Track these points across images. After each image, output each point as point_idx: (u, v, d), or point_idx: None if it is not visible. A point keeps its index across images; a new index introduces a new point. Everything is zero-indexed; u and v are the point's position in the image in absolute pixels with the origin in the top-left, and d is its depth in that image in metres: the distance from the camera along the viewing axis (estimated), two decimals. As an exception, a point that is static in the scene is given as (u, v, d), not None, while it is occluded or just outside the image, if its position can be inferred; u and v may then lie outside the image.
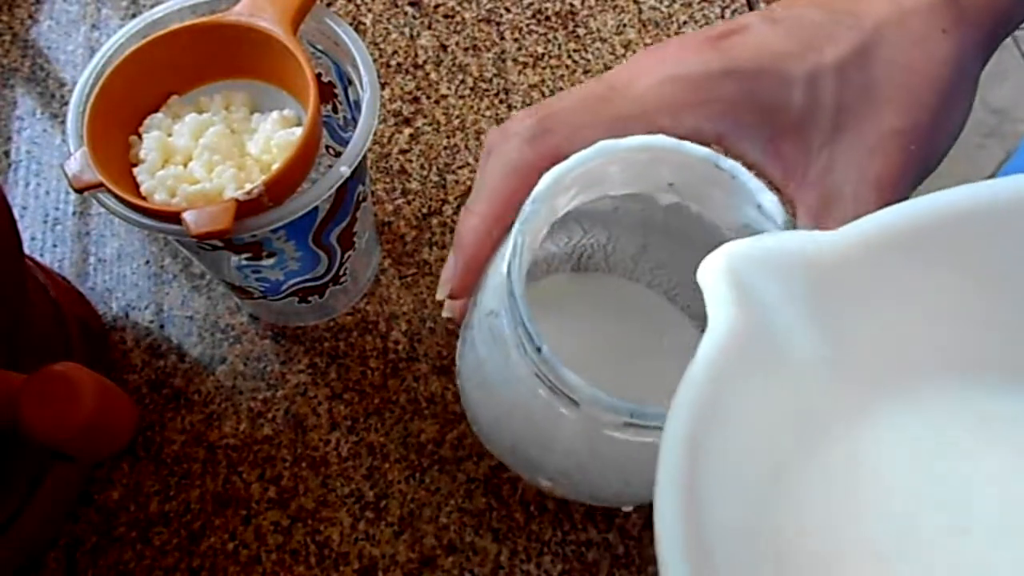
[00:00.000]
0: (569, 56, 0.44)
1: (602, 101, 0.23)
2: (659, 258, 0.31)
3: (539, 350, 0.20)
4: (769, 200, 0.22)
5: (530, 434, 0.24)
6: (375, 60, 0.39)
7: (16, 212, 0.34)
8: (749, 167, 0.23)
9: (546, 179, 0.22)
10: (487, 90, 0.43)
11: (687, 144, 0.22)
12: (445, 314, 0.27)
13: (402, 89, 0.43)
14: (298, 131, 0.30)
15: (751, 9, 0.45)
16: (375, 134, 0.33)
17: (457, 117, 0.42)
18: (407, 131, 0.42)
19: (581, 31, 0.45)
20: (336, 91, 0.33)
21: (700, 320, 0.31)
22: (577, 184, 0.23)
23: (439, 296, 0.26)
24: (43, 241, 0.40)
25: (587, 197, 0.24)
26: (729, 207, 0.23)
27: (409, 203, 0.40)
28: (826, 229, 0.21)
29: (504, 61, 0.44)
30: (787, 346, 0.15)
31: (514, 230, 0.22)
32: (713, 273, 0.16)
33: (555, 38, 0.45)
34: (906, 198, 0.22)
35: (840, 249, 0.16)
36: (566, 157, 0.22)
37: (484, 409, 0.26)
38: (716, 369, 0.14)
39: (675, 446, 0.14)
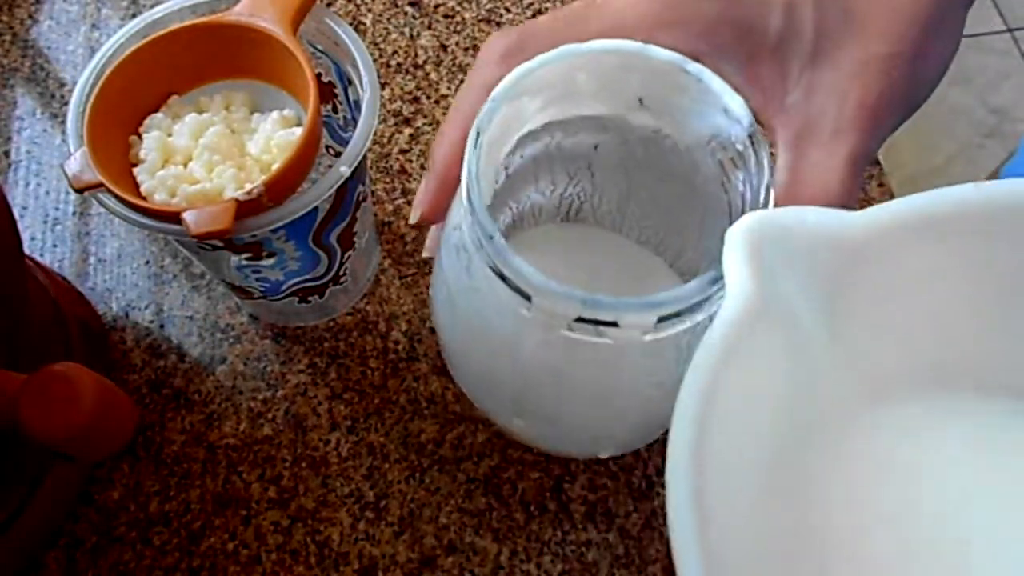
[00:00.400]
0: (569, 56, 0.44)
1: (580, 19, 0.23)
2: (644, 208, 0.30)
3: (491, 238, 0.20)
4: (735, 103, 0.21)
5: (494, 348, 0.24)
6: (375, 60, 0.39)
7: (16, 212, 0.34)
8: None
9: (508, 78, 0.22)
10: (487, 90, 0.43)
11: (653, 48, 0.21)
12: (425, 254, 0.27)
13: (402, 89, 0.43)
14: (298, 131, 0.30)
15: None
16: (375, 134, 0.33)
17: (457, 117, 0.42)
18: (407, 131, 0.42)
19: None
20: (336, 91, 0.33)
21: (688, 275, 0.30)
22: (544, 91, 0.22)
23: (412, 220, 0.25)
24: (43, 241, 0.40)
25: (558, 112, 0.23)
26: (697, 114, 0.22)
27: (409, 203, 0.40)
28: (805, 156, 0.21)
29: (504, 61, 0.44)
30: (801, 329, 0.15)
31: (472, 126, 0.21)
32: (733, 247, 0.16)
33: (555, 38, 0.45)
34: (891, 130, 0.22)
35: (866, 230, 0.16)
36: None
37: (452, 332, 0.26)
38: (727, 347, 0.14)
39: (686, 422, 0.14)
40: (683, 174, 0.25)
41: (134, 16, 0.41)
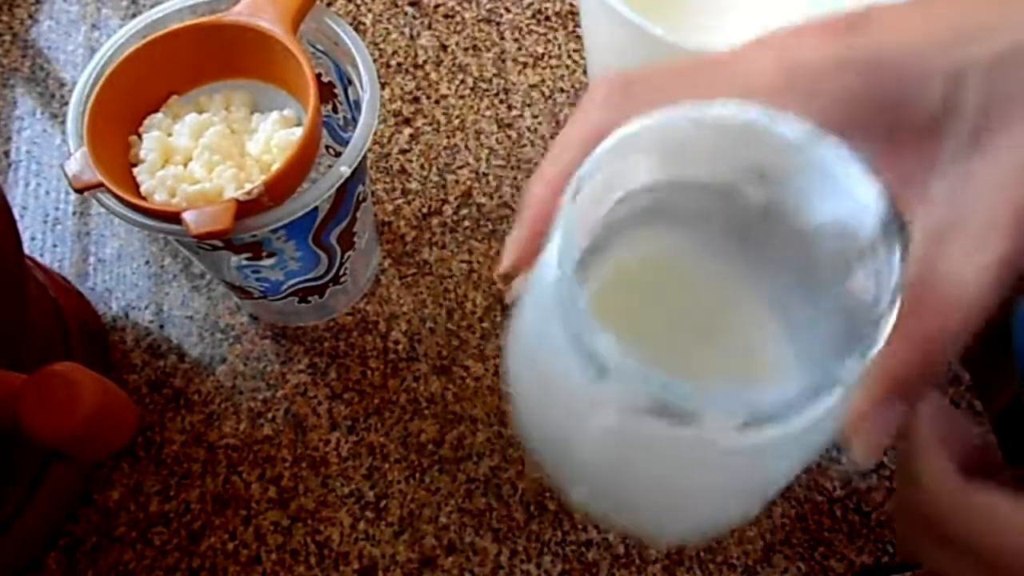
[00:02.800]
0: (569, 56, 0.44)
1: (702, 76, 0.21)
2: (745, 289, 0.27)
3: (575, 304, 0.18)
4: (869, 190, 0.18)
5: (560, 415, 0.22)
6: (375, 60, 0.39)
7: (16, 212, 0.34)
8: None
9: (619, 133, 0.19)
10: (487, 90, 0.43)
11: (784, 118, 0.18)
12: (507, 300, 0.24)
13: (402, 89, 0.43)
14: (298, 131, 0.30)
15: None
16: (375, 134, 0.33)
17: (457, 117, 0.42)
18: (407, 131, 0.42)
19: (581, 31, 0.45)
20: (336, 91, 0.34)
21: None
22: (656, 151, 0.20)
23: (502, 268, 0.22)
24: (43, 241, 0.40)
25: (667, 174, 0.21)
26: (821, 195, 0.20)
27: (409, 203, 0.40)
28: (944, 254, 0.18)
29: (504, 61, 0.44)
30: None
31: (574, 176, 0.19)
32: None
33: (555, 38, 0.45)
34: None
35: None
36: None
37: (521, 386, 0.24)
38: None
39: None
40: (797, 261, 0.22)
41: (134, 16, 0.41)
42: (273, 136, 0.30)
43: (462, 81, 0.43)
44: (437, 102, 0.43)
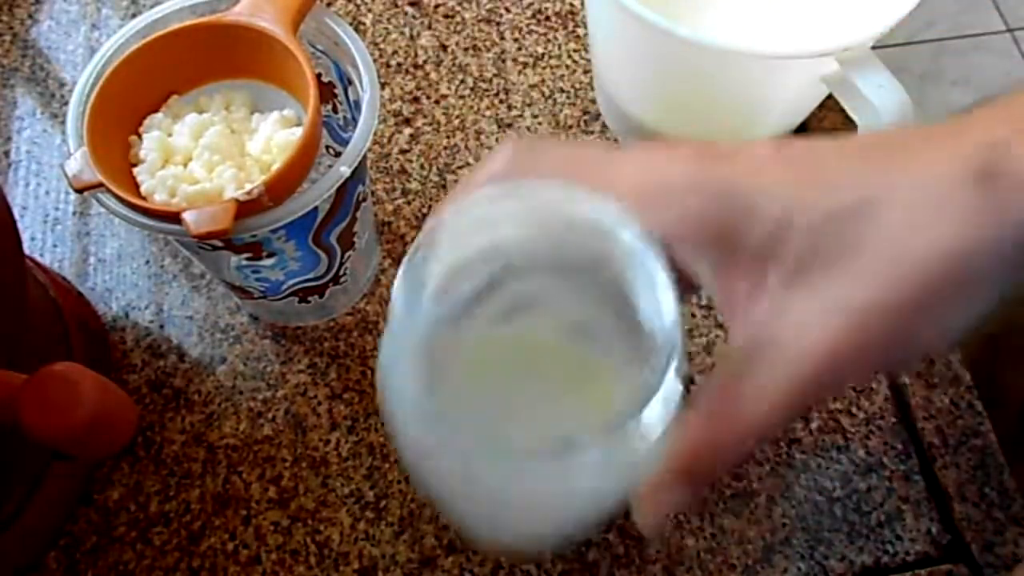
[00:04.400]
0: (569, 56, 0.44)
1: (588, 164, 0.23)
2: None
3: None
4: (666, 308, 0.20)
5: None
6: (375, 60, 0.39)
7: (16, 212, 0.34)
8: (698, 287, 0.22)
9: (456, 209, 0.21)
10: (487, 90, 0.43)
11: (626, 231, 0.21)
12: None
13: (402, 89, 0.43)
14: (298, 131, 0.30)
15: None
16: (375, 134, 0.33)
17: (457, 117, 0.42)
18: (407, 131, 0.42)
19: (581, 31, 0.45)
20: (336, 91, 0.33)
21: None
22: (496, 230, 0.22)
23: None
24: (43, 241, 0.40)
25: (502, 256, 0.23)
26: (642, 295, 0.21)
27: (409, 203, 0.40)
28: (747, 377, 0.20)
29: (504, 61, 0.44)
30: None
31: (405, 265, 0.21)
32: None
33: (555, 38, 0.45)
34: (858, 381, 0.20)
35: None
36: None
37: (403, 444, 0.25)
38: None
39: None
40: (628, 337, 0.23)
41: (134, 16, 0.41)
42: (273, 136, 0.30)
43: (462, 81, 0.43)
44: (437, 102, 0.43)
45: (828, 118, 0.41)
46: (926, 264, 0.19)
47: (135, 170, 0.30)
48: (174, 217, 0.27)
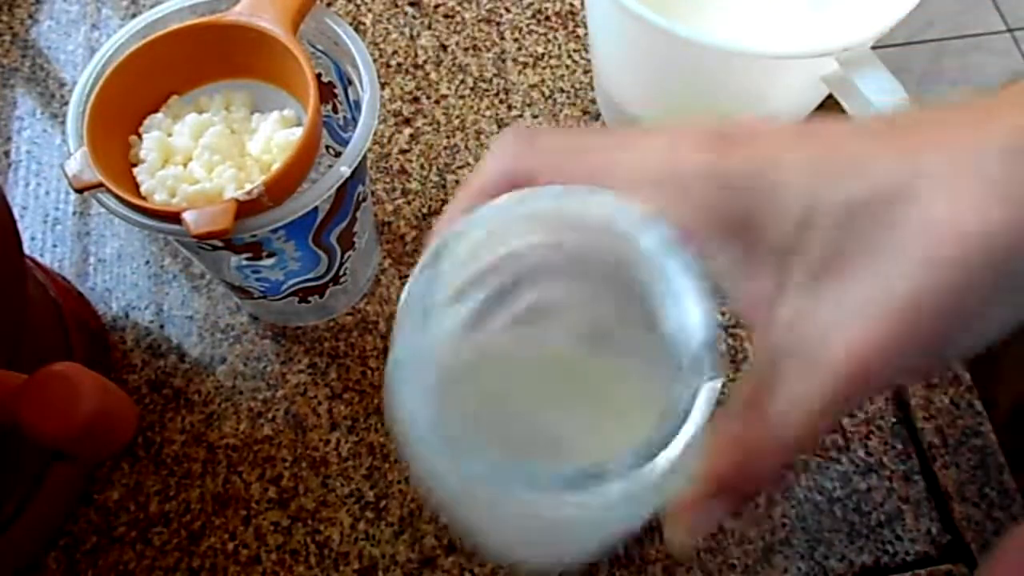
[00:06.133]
0: (569, 56, 0.44)
1: (597, 152, 0.21)
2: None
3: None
4: (696, 313, 0.18)
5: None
6: (375, 60, 0.39)
7: (16, 212, 0.34)
8: (719, 286, 0.20)
9: (497, 207, 0.20)
10: (487, 90, 0.43)
11: (647, 234, 0.19)
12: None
13: (402, 89, 0.43)
14: (298, 131, 0.30)
15: None
16: (375, 134, 0.33)
17: (457, 117, 0.42)
18: (407, 131, 0.42)
19: (581, 31, 0.45)
20: (336, 91, 0.33)
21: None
22: (518, 238, 0.21)
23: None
24: (43, 241, 0.40)
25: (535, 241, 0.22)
26: (664, 303, 0.20)
27: (409, 203, 0.40)
28: (772, 390, 0.19)
29: (504, 61, 0.44)
30: None
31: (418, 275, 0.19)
32: None
33: (555, 38, 0.45)
34: (888, 386, 0.18)
35: None
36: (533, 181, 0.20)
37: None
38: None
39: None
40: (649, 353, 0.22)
41: (134, 16, 0.41)
42: (273, 136, 0.30)
43: (462, 81, 0.43)
44: (437, 102, 0.43)
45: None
46: (967, 250, 0.17)
47: (135, 170, 0.30)
48: (174, 217, 0.27)
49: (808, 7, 0.39)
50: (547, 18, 0.45)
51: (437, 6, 0.46)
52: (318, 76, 0.31)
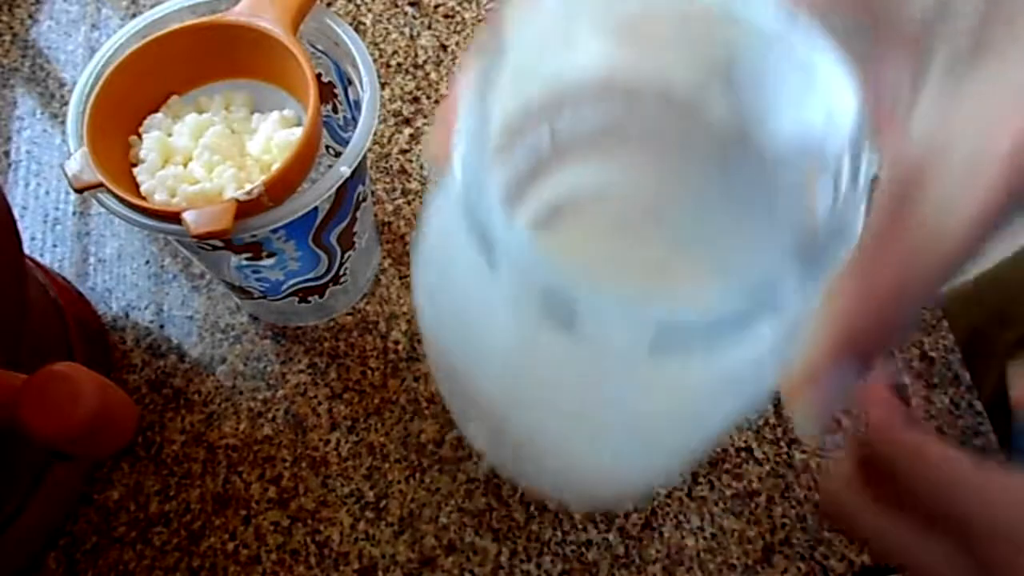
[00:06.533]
0: (569, 56, 0.44)
1: None
2: (682, 203, 0.22)
3: (479, 176, 0.14)
4: (843, 86, 0.14)
5: (460, 331, 0.18)
6: (375, 60, 0.39)
7: (16, 212, 0.34)
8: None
9: None
10: (487, 90, 0.43)
11: (758, 2, 0.15)
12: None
13: (402, 89, 0.43)
14: (298, 131, 0.30)
15: None
16: (375, 134, 0.33)
17: (457, 117, 0.42)
18: (407, 131, 0.42)
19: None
20: (336, 91, 0.33)
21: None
22: (601, 19, 0.17)
23: (424, 156, 0.19)
24: (43, 241, 0.40)
25: (613, 61, 0.17)
26: (793, 96, 0.16)
27: (409, 203, 0.40)
28: (917, 203, 0.15)
29: (504, 61, 0.44)
30: None
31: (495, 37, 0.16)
32: None
33: (555, 38, 0.45)
34: None
35: None
36: None
37: (429, 303, 0.20)
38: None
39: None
40: (756, 192, 0.19)
41: (134, 16, 0.41)
42: (273, 136, 0.30)
43: (462, 81, 0.43)
44: (437, 102, 0.43)
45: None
46: None
47: (135, 170, 0.30)
48: (174, 217, 0.27)
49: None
50: (547, 18, 0.45)
51: (437, 6, 0.46)
52: (318, 76, 0.31)
